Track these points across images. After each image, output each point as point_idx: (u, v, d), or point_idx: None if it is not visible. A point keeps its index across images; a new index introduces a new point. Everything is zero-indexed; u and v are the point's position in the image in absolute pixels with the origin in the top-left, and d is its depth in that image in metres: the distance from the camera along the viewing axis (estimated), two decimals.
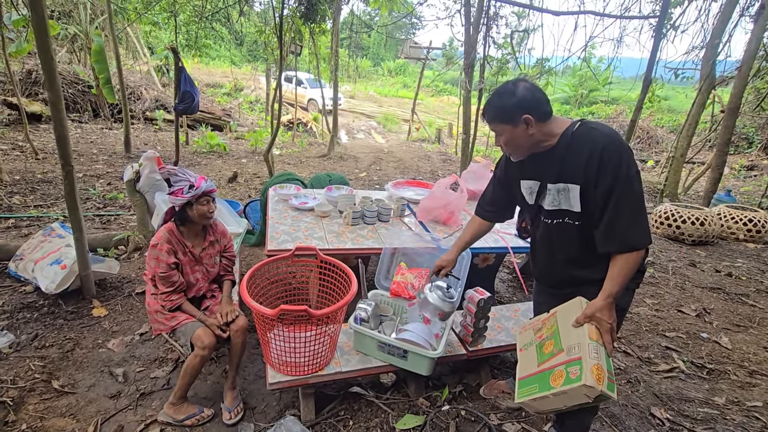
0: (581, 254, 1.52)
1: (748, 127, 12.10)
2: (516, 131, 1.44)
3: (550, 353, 1.47)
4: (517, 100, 1.41)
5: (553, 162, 1.46)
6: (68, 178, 2.60)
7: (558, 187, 1.47)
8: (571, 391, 1.30)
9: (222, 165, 7.43)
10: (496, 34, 7.02)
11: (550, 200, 1.51)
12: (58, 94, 2.44)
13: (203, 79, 15.87)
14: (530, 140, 1.46)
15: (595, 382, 1.25)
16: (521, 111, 1.40)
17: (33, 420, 1.89)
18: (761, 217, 5.29)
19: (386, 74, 28.64)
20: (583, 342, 1.36)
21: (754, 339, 3.02)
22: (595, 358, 1.31)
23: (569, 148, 1.42)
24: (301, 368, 1.89)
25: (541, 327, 1.63)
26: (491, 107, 1.48)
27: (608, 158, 1.33)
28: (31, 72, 8.81)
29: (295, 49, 9.88)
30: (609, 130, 1.40)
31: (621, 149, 1.34)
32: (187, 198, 1.93)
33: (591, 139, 1.38)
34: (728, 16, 6.09)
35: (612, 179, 1.33)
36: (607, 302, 1.38)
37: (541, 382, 1.43)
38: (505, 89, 1.46)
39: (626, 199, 1.34)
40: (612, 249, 1.39)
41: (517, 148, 1.50)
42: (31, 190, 4.97)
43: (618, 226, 1.36)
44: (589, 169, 1.36)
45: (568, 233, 1.51)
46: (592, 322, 1.40)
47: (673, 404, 2.29)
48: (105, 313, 2.75)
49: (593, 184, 1.37)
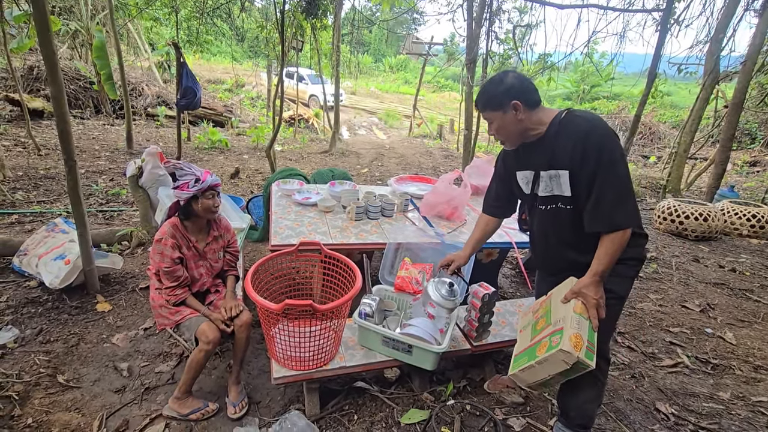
0: (575, 237, 1.59)
1: (751, 123, 12.03)
2: (506, 117, 1.52)
3: (541, 329, 1.57)
4: (506, 87, 1.50)
5: (544, 150, 1.54)
6: (71, 174, 2.59)
7: (550, 173, 1.54)
8: (551, 357, 1.38)
9: (224, 161, 7.43)
10: (498, 29, 6.98)
11: (543, 186, 1.59)
12: (60, 88, 2.43)
13: (204, 75, 15.83)
14: (520, 126, 1.54)
15: (572, 348, 1.32)
16: (510, 97, 1.49)
17: (38, 414, 1.90)
18: (765, 213, 5.27)
19: (387, 70, 28.55)
20: (568, 315, 1.46)
21: (759, 334, 3.01)
22: (575, 329, 1.39)
23: (557, 136, 1.50)
24: (305, 363, 1.89)
25: (538, 308, 1.72)
26: (482, 95, 1.57)
27: (591, 143, 1.41)
28: (33, 68, 8.79)
29: (297, 45, 9.83)
30: (593, 117, 1.48)
31: (603, 134, 1.42)
32: (192, 192, 1.93)
33: (575, 126, 1.46)
34: (733, 11, 6.05)
35: (595, 163, 1.40)
36: (594, 279, 1.47)
37: (530, 354, 1.52)
38: (494, 78, 1.56)
39: (610, 181, 1.41)
40: (598, 228, 1.46)
41: (508, 134, 1.58)
42: (34, 186, 4.97)
43: (603, 207, 1.43)
44: (574, 155, 1.44)
45: (562, 217, 1.58)
46: (579, 297, 1.50)
47: (678, 399, 2.29)
48: (109, 308, 2.76)
49: (578, 168, 1.45)
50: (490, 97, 1.53)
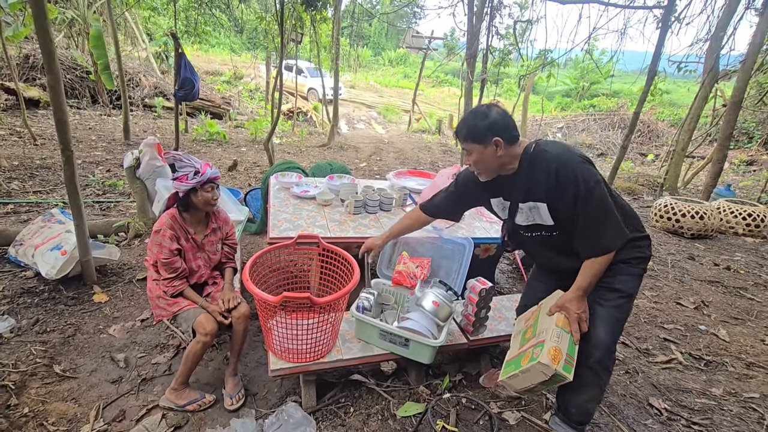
0: (566, 253, 1.65)
1: (749, 122, 12.06)
2: (486, 152, 1.54)
3: (528, 338, 1.65)
4: (490, 122, 1.51)
5: (518, 184, 1.59)
6: (68, 164, 2.58)
7: (528, 205, 1.60)
8: (532, 368, 1.45)
9: (222, 153, 7.39)
10: (499, 24, 6.94)
11: (523, 218, 1.64)
12: (57, 77, 2.40)
13: (202, 66, 15.70)
14: (498, 161, 1.56)
15: (550, 362, 1.39)
16: (493, 132, 1.50)
17: (35, 404, 1.90)
18: (760, 212, 5.30)
19: (387, 64, 28.39)
20: (550, 328, 1.53)
21: (752, 331, 3.04)
22: (555, 342, 1.46)
23: (528, 171, 1.55)
24: (302, 355, 1.90)
25: (529, 317, 1.80)
26: (464, 126, 1.57)
27: (564, 178, 1.45)
28: (29, 57, 8.70)
29: (296, 37, 9.76)
30: (560, 150, 1.51)
31: (574, 167, 1.45)
32: (192, 184, 1.92)
33: (544, 161, 1.50)
34: (734, 9, 6.04)
35: (573, 197, 1.45)
36: (576, 295, 1.55)
37: (516, 363, 1.59)
38: (478, 111, 1.56)
39: (591, 211, 1.47)
40: (591, 254, 1.53)
41: (485, 168, 1.60)
42: (30, 176, 4.93)
43: (592, 234, 1.50)
44: (549, 190, 1.50)
45: (548, 241, 1.67)
46: (562, 311, 1.57)
47: (671, 395, 2.31)
48: (106, 299, 2.75)
49: (556, 201, 1.51)
50: (473, 130, 1.54)
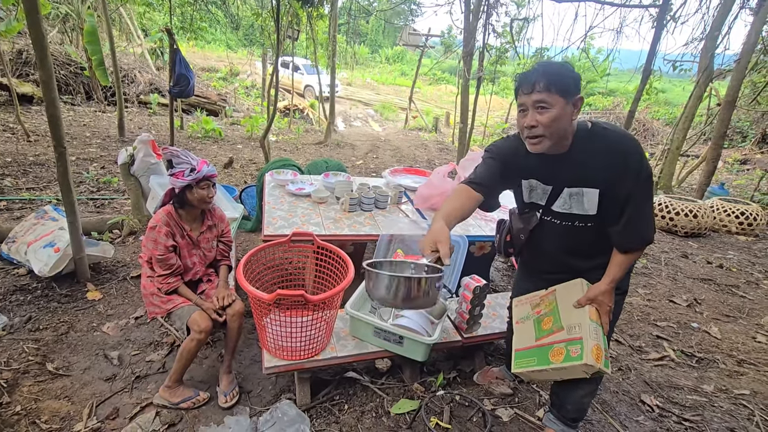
0: (585, 249, 1.57)
1: (743, 121, 12.13)
2: (566, 108, 1.30)
3: (549, 330, 1.57)
4: (576, 76, 1.31)
5: (570, 165, 1.41)
6: (61, 160, 2.56)
7: (572, 191, 1.44)
8: (571, 368, 1.42)
9: (217, 150, 7.36)
10: (495, 22, 6.95)
11: (561, 203, 1.49)
12: (49, 73, 2.38)
13: (198, 62, 15.61)
14: (568, 127, 1.34)
15: (594, 362, 1.37)
16: (578, 89, 1.31)
17: (27, 402, 1.89)
18: (753, 211, 5.35)
19: (384, 62, 28.33)
20: (584, 323, 1.46)
21: (743, 329, 3.07)
22: (595, 339, 1.42)
23: (589, 152, 1.37)
24: (297, 353, 1.90)
25: (539, 303, 1.69)
26: (546, 73, 1.29)
27: (632, 162, 1.33)
28: (22, 52, 8.61)
29: (292, 34, 9.73)
30: (624, 132, 1.40)
31: (639, 151, 1.36)
32: (187, 181, 1.91)
33: (610, 141, 1.35)
34: (729, 8, 6.06)
35: (633, 182, 1.35)
36: (610, 287, 1.46)
37: (540, 357, 1.53)
38: (559, 63, 1.38)
39: (645, 200, 1.39)
40: (632, 246, 1.43)
41: (554, 131, 1.33)
42: (23, 173, 4.89)
43: (638, 227, 1.40)
44: (612, 173, 1.35)
45: (579, 233, 1.52)
46: (593, 304, 1.48)
47: (663, 392, 2.33)
48: (99, 297, 2.74)
49: (616, 187, 1.36)
50: (559, 79, 1.28)
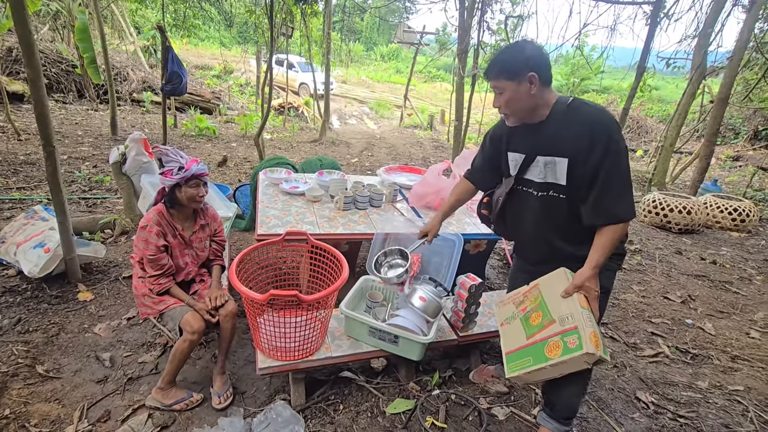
0: (565, 227, 1.56)
1: (735, 118, 12.22)
2: (520, 89, 1.43)
3: (539, 325, 1.50)
4: (526, 56, 1.41)
5: (544, 135, 1.49)
6: (50, 159, 2.52)
7: (546, 159, 1.50)
8: (571, 360, 1.36)
9: (211, 149, 7.30)
10: (490, 19, 6.93)
11: (537, 172, 1.55)
12: (37, 71, 2.34)
13: (192, 60, 15.46)
14: (531, 102, 1.46)
15: (595, 349, 1.31)
16: (528, 68, 1.40)
17: (17, 405, 1.86)
18: (745, 207, 5.39)
19: (379, 59, 28.23)
20: (576, 312, 1.41)
21: (737, 325, 3.09)
22: (591, 326, 1.37)
23: (562, 122, 1.45)
24: (291, 353, 1.88)
25: (522, 300, 1.65)
26: (497, 61, 1.46)
27: (600, 132, 1.38)
28: (12, 50, 8.48)
29: (287, 32, 9.65)
30: (601, 107, 1.46)
31: (611, 125, 1.40)
32: (176, 179, 1.88)
33: (585, 113, 1.42)
34: (722, 6, 6.08)
35: (602, 153, 1.37)
36: (594, 271, 1.45)
37: (535, 355, 1.46)
38: (513, 46, 1.47)
39: (614, 174, 1.39)
40: (600, 222, 1.44)
41: (516, 109, 1.49)
42: (14, 172, 4.83)
43: (606, 201, 1.41)
44: (580, 143, 1.40)
45: (554, 205, 1.55)
46: (581, 291, 1.46)
47: (658, 388, 2.34)
48: (91, 298, 2.70)
49: (583, 158, 1.41)
50: (507, 64, 1.43)
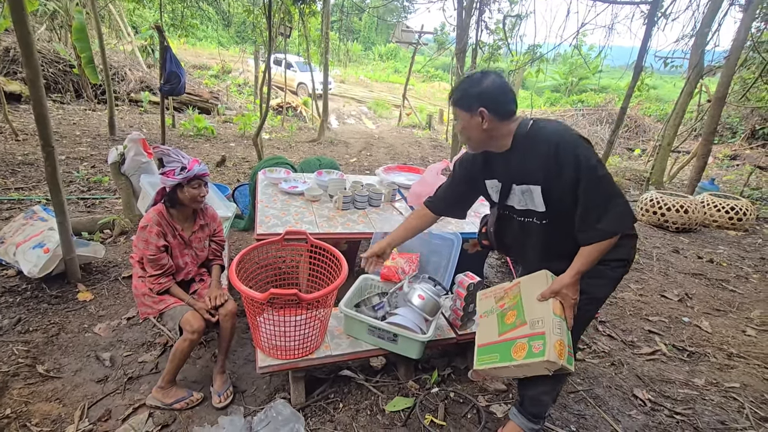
0: (552, 249, 1.54)
1: (732, 117, 12.27)
2: (471, 121, 1.44)
3: (512, 324, 1.50)
4: (479, 90, 1.39)
5: (512, 164, 1.48)
6: (49, 160, 2.52)
7: (522, 188, 1.49)
8: (533, 365, 1.36)
9: (210, 149, 7.30)
10: (488, 18, 6.94)
11: (517, 200, 1.54)
12: (36, 71, 2.34)
13: (190, 60, 15.45)
14: (483, 135, 1.46)
15: (557, 358, 1.30)
16: (479, 103, 1.39)
17: (17, 405, 1.86)
18: (742, 206, 5.42)
19: (377, 59, 28.23)
20: (547, 317, 1.40)
21: (733, 323, 3.11)
22: (558, 334, 1.35)
23: (526, 150, 1.42)
24: (291, 352, 1.89)
25: (503, 296, 1.64)
26: (457, 89, 1.48)
27: (565, 153, 1.34)
28: (9, 50, 8.46)
29: (285, 31, 9.64)
30: (560, 126, 1.41)
31: (574, 141, 1.36)
32: (178, 180, 1.89)
33: (544, 138, 1.38)
34: (719, 5, 6.11)
35: (573, 174, 1.34)
36: (574, 279, 1.41)
37: (502, 353, 1.47)
38: (473, 77, 1.44)
39: (592, 190, 1.34)
40: (594, 240, 1.38)
41: (469, 138, 1.51)
42: (12, 173, 4.82)
43: (591, 218, 1.37)
44: (548, 168, 1.37)
45: (537, 231, 1.54)
46: (558, 297, 1.44)
47: (655, 386, 2.36)
48: (91, 298, 2.71)
49: (555, 182, 1.38)
50: (461, 96, 1.44)
